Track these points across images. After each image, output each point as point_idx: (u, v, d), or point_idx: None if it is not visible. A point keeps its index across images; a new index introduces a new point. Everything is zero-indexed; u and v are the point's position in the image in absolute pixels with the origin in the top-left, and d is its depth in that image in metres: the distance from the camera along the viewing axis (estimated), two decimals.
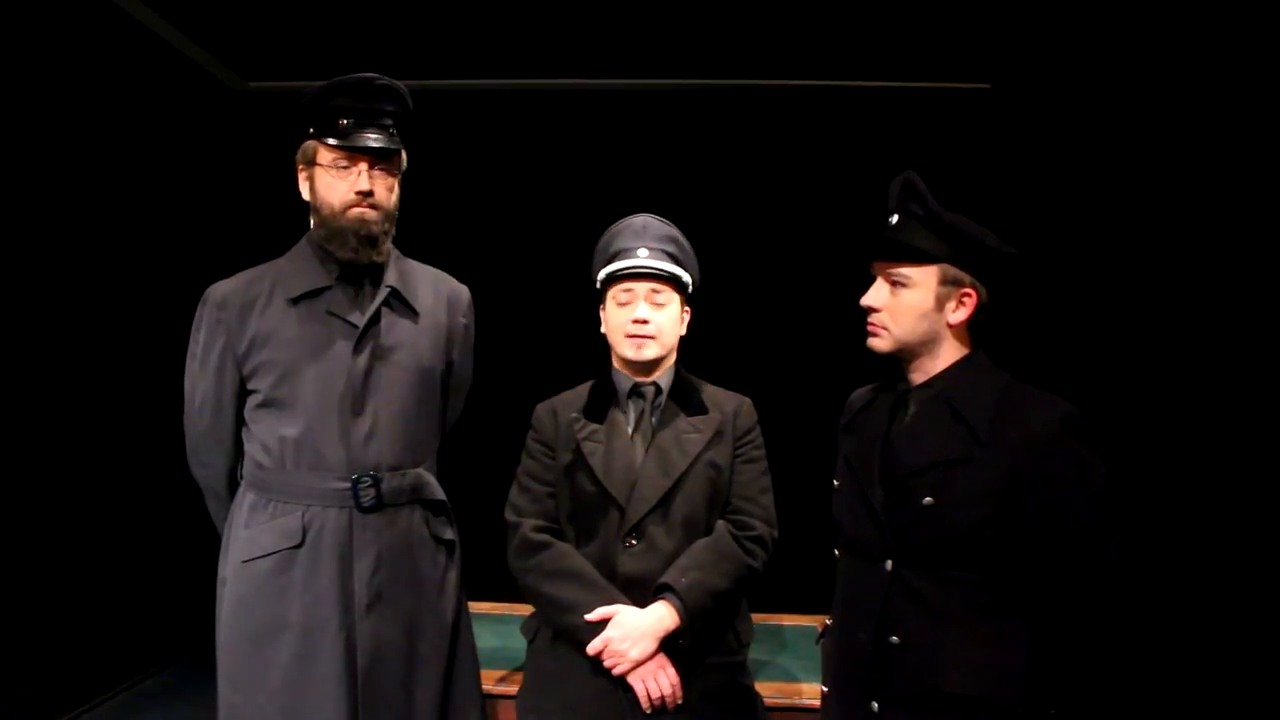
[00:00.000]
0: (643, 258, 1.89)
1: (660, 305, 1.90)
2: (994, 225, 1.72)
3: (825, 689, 1.65)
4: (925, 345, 1.55)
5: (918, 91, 3.75)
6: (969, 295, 1.52)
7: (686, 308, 1.97)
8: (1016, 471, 1.43)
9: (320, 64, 3.71)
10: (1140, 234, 3.23)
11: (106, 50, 3.25)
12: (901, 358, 1.58)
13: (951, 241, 1.51)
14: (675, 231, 1.95)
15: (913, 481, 1.49)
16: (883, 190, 1.64)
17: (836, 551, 1.67)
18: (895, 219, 1.56)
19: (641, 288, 1.89)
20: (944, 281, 1.52)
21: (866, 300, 1.58)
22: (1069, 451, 1.43)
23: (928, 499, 1.47)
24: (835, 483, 1.68)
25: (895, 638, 1.48)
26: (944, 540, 1.46)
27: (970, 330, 1.57)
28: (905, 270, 1.53)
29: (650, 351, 1.89)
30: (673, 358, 1.97)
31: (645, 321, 1.88)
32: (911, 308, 1.53)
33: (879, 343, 1.57)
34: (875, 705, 1.49)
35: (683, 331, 1.97)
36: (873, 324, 1.58)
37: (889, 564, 1.51)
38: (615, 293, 1.92)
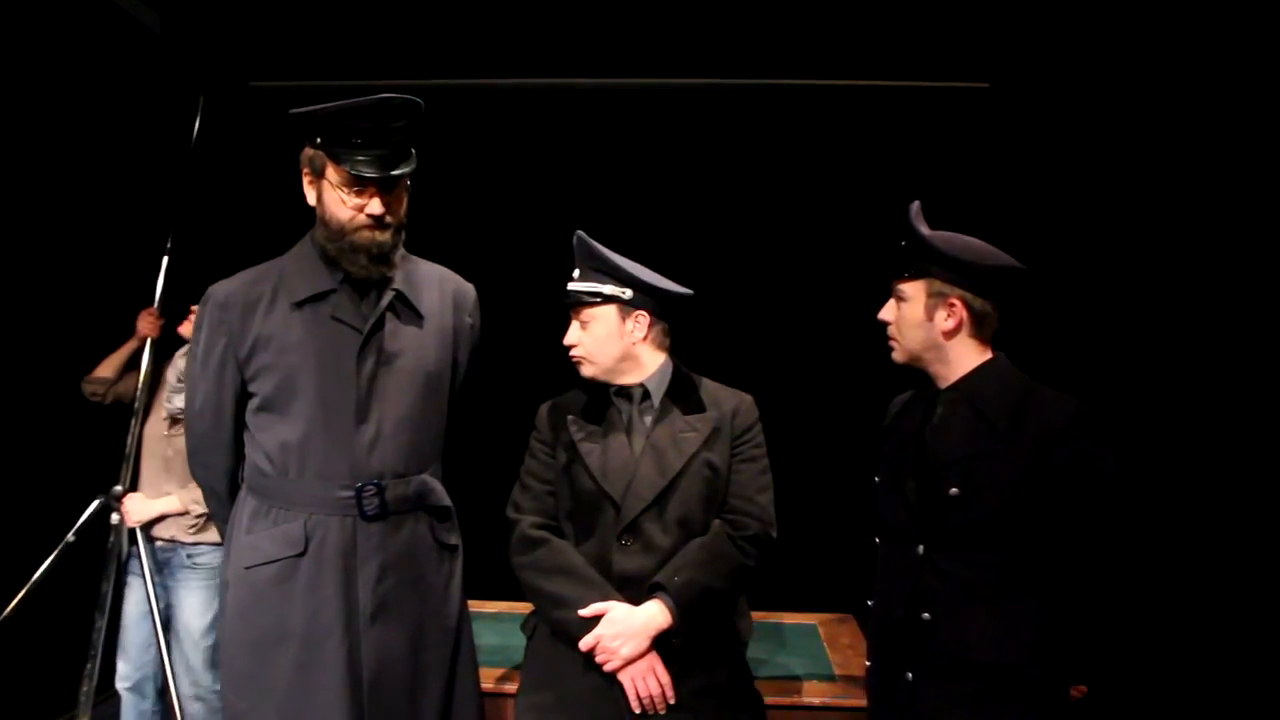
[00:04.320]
0: (574, 280, 1.97)
1: (585, 325, 1.94)
2: (994, 225, 1.74)
3: (869, 662, 1.81)
4: (931, 352, 1.73)
5: (917, 91, 3.75)
6: (954, 305, 1.69)
7: (639, 312, 1.93)
8: (1033, 464, 1.59)
9: (320, 64, 3.74)
10: (1141, 233, 3.23)
11: (107, 50, 3.25)
12: (918, 365, 1.76)
13: (931, 258, 1.69)
14: (593, 246, 1.95)
15: (940, 474, 1.66)
16: (883, 189, 1.71)
17: (877, 540, 1.81)
18: (903, 242, 1.74)
19: (573, 312, 1.97)
20: (930, 294, 1.71)
21: (881, 315, 1.79)
22: (1081, 446, 1.59)
23: (954, 489, 1.63)
24: (877, 479, 1.83)
25: (926, 614, 1.64)
26: (968, 526, 1.62)
27: (983, 335, 1.72)
28: (903, 286, 1.74)
29: (585, 371, 1.97)
30: (653, 360, 1.97)
31: (571, 345, 1.97)
32: (909, 320, 1.73)
33: (894, 354, 1.79)
34: (910, 675, 1.66)
35: (637, 337, 1.94)
36: (889, 336, 1.78)
37: (920, 548, 1.67)
38: None
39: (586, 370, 1.96)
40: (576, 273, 1.97)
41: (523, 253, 3.81)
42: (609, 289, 1.92)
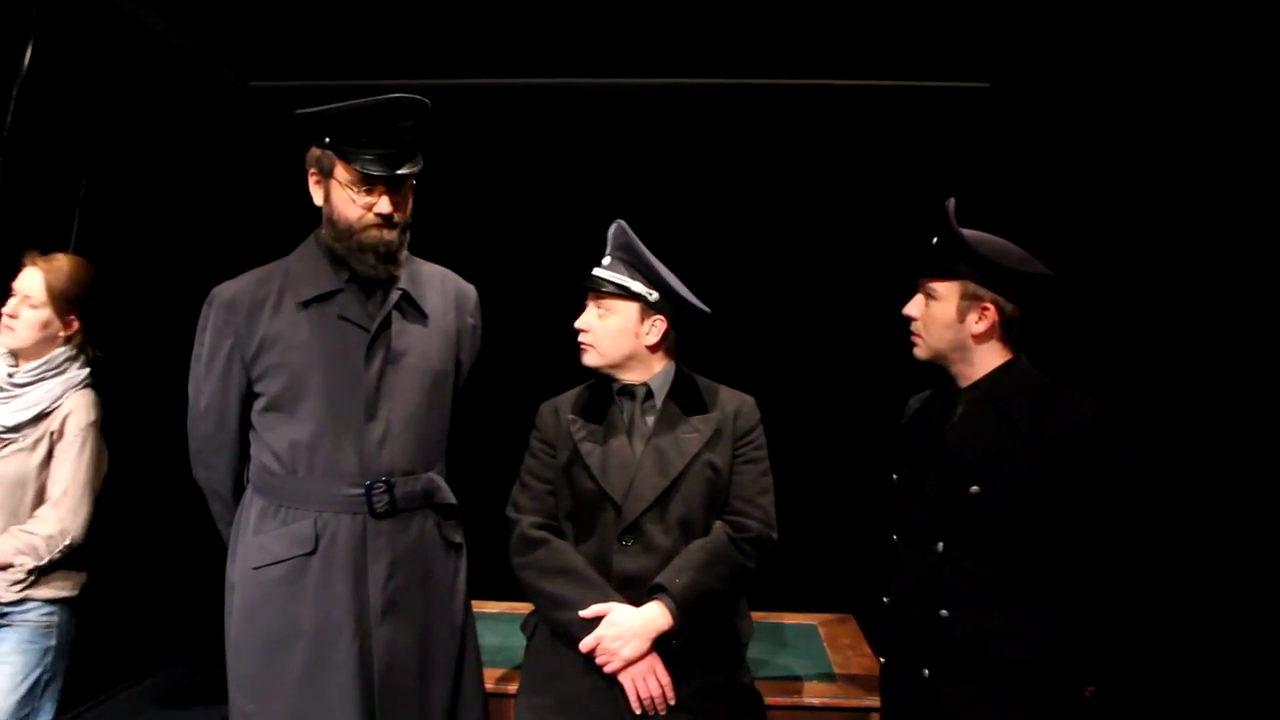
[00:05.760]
0: (602, 266, 1.95)
1: (602, 315, 1.93)
2: (993, 226, 1.74)
3: (883, 660, 1.83)
4: (957, 352, 1.74)
5: (917, 91, 3.75)
6: (987, 309, 1.70)
7: (657, 316, 1.92)
8: (1054, 463, 1.62)
9: (320, 64, 3.74)
10: (1141, 233, 3.23)
11: (107, 50, 3.25)
12: (940, 363, 1.78)
13: (970, 261, 1.69)
14: (632, 239, 1.94)
15: (962, 472, 1.68)
16: (883, 189, 1.70)
17: (895, 537, 1.83)
18: (936, 239, 1.74)
19: (592, 297, 1.95)
20: (964, 296, 1.71)
21: (907, 310, 1.79)
22: (1101, 446, 1.62)
23: (975, 487, 1.66)
24: (895, 476, 1.84)
25: (945, 611, 1.66)
26: (989, 524, 1.65)
27: (1009, 337, 1.75)
28: (935, 284, 1.75)
29: (588, 359, 1.95)
30: (644, 359, 1.96)
31: (582, 330, 1.95)
32: (937, 319, 1.74)
33: (916, 350, 1.79)
34: (926, 672, 1.67)
35: (649, 342, 1.93)
36: (912, 332, 1.79)
37: (940, 545, 1.69)
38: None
39: (589, 358, 1.95)
40: (606, 260, 1.95)
41: (524, 253, 3.82)
42: (637, 286, 1.91)
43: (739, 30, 3.45)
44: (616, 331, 1.92)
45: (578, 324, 1.95)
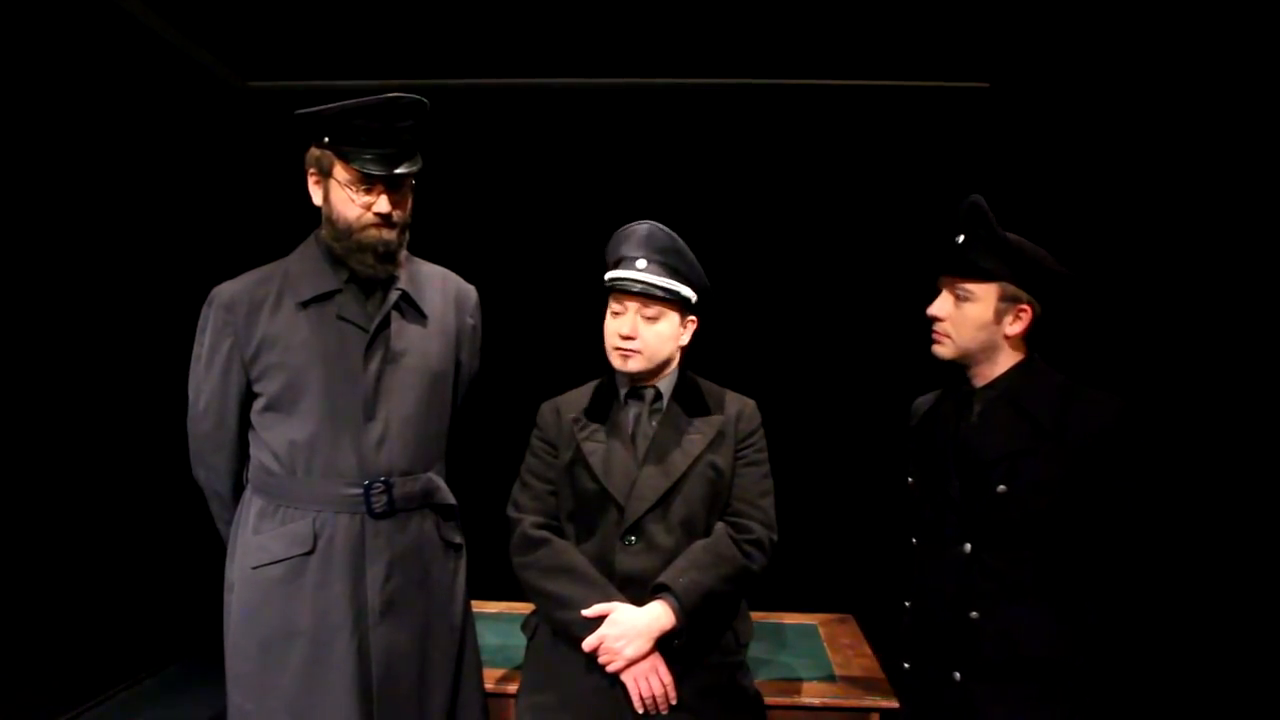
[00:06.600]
0: (640, 269, 1.87)
1: (651, 320, 1.89)
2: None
3: (906, 665, 1.80)
4: (984, 352, 1.72)
5: (917, 91, 3.75)
6: (1025, 310, 1.70)
7: (690, 318, 1.95)
8: (1078, 460, 1.62)
9: (320, 64, 3.74)
10: (1141, 233, 3.23)
11: (107, 50, 3.25)
12: (963, 363, 1.76)
13: (1011, 263, 1.68)
14: (678, 243, 1.91)
15: (987, 472, 1.67)
16: (883, 189, 1.68)
17: (914, 540, 1.81)
18: (962, 238, 1.71)
19: (634, 302, 1.89)
20: (1003, 298, 1.69)
21: (932, 310, 1.75)
22: (1124, 442, 1.63)
23: (1001, 486, 1.65)
24: (910, 480, 1.82)
25: (975, 613, 1.65)
26: (1017, 522, 1.65)
27: (1025, 338, 1.73)
28: (969, 286, 1.71)
29: (634, 365, 1.90)
30: (673, 363, 1.97)
31: (631, 337, 1.88)
32: (972, 319, 1.71)
33: (942, 349, 1.75)
34: (958, 675, 1.66)
35: (683, 342, 1.95)
36: (937, 332, 1.75)
37: (967, 546, 1.67)
38: (612, 302, 1.93)
39: (635, 364, 1.89)
40: (641, 263, 1.88)
41: (524, 253, 3.82)
42: (686, 291, 1.90)
43: (738, 30, 3.45)
44: (666, 337, 1.91)
45: (626, 332, 1.88)
